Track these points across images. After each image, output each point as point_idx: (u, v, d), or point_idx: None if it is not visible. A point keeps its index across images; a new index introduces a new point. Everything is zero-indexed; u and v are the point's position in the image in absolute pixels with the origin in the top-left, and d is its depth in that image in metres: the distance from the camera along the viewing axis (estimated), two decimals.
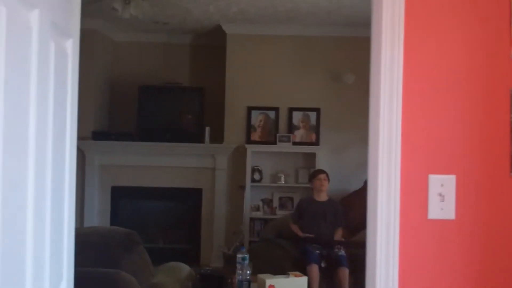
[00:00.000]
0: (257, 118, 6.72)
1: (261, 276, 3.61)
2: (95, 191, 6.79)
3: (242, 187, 6.70)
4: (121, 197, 6.92)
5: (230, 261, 5.92)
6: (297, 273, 3.58)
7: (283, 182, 6.68)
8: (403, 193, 1.87)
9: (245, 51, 6.67)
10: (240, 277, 3.55)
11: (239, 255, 3.87)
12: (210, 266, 6.63)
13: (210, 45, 7.06)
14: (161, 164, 6.76)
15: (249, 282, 3.53)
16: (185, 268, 3.88)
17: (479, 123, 1.88)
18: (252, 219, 6.71)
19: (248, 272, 3.57)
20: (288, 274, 3.60)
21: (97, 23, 6.50)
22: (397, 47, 1.86)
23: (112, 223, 6.85)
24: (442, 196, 1.87)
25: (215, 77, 6.86)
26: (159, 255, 6.56)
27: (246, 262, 3.63)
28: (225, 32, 6.66)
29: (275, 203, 6.76)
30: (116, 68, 7.17)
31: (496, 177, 1.87)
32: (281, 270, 4.46)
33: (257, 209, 6.75)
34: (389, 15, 1.87)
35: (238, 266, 3.68)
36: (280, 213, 6.64)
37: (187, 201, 7.06)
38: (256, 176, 6.72)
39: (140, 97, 6.78)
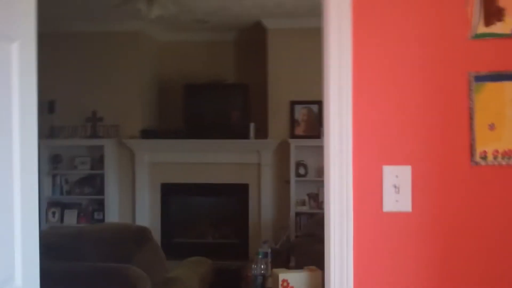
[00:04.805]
0: (300, 112, 6.68)
1: (275, 270, 3.58)
2: (145, 189, 6.98)
3: (288, 182, 6.68)
4: (170, 193, 7.08)
5: (277, 256, 5.94)
6: (312, 267, 3.52)
7: None
8: (356, 185, 1.81)
9: (286, 46, 6.64)
10: (255, 271, 3.55)
11: (259, 250, 3.88)
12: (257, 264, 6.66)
13: (253, 41, 7.08)
14: (208, 161, 6.86)
15: (264, 276, 3.53)
16: (206, 262, 3.93)
17: (436, 110, 1.78)
18: (298, 214, 6.68)
19: (263, 266, 3.56)
20: (303, 268, 3.55)
21: (140, 25, 6.67)
22: (345, 33, 1.80)
23: (162, 219, 7.04)
24: (398, 188, 1.80)
25: (259, 72, 6.88)
26: (209, 250, 6.69)
27: (260, 257, 3.63)
28: (266, 27, 6.66)
29: (321, 197, 6.69)
30: (163, 68, 7.34)
31: (455, 166, 1.77)
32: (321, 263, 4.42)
33: (303, 203, 6.71)
34: (335, 3, 1.81)
35: (255, 260, 3.68)
36: None
37: (234, 197, 7.13)
38: (301, 171, 6.68)
39: (186, 95, 6.90)
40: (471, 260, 1.75)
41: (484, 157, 1.73)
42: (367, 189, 1.81)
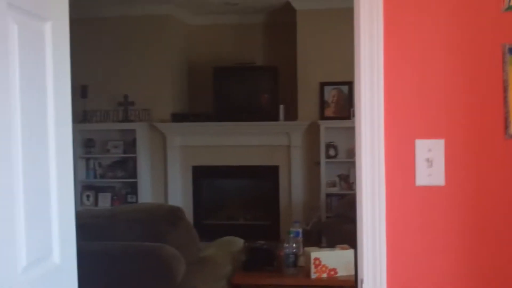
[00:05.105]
0: (330, 93, 6.65)
1: (307, 249, 3.61)
2: (177, 172, 7.06)
3: (318, 163, 6.68)
4: (201, 176, 7.15)
5: (308, 236, 5.96)
6: (345, 246, 3.54)
7: None
8: (388, 159, 1.81)
9: (315, 27, 6.60)
10: (287, 250, 3.58)
11: (291, 229, 3.91)
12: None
13: (281, 22, 7.06)
14: (239, 143, 6.90)
15: (296, 255, 3.55)
16: (239, 242, 3.97)
17: (469, 83, 1.76)
18: (329, 195, 6.68)
19: (294, 245, 3.59)
20: (335, 247, 3.57)
21: (170, 8, 6.72)
22: (377, 8, 1.79)
23: (194, 202, 7.11)
24: (430, 162, 1.79)
25: (288, 54, 6.86)
26: (240, 232, 6.73)
27: (292, 236, 3.65)
28: (295, 9, 6.63)
29: (352, 178, 6.67)
30: (192, 51, 7.37)
31: (489, 140, 1.76)
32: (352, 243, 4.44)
33: (334, 185, 6.70)
34: None
35: (287, 239, 3.71)
36: None
37: (264, 179, 7.16)
38: (332, 152, 6.67)
39: (216, 78, 6.92)
40: (504, 233, 1.74)
41: None
42: (400, 163, 1.80)
